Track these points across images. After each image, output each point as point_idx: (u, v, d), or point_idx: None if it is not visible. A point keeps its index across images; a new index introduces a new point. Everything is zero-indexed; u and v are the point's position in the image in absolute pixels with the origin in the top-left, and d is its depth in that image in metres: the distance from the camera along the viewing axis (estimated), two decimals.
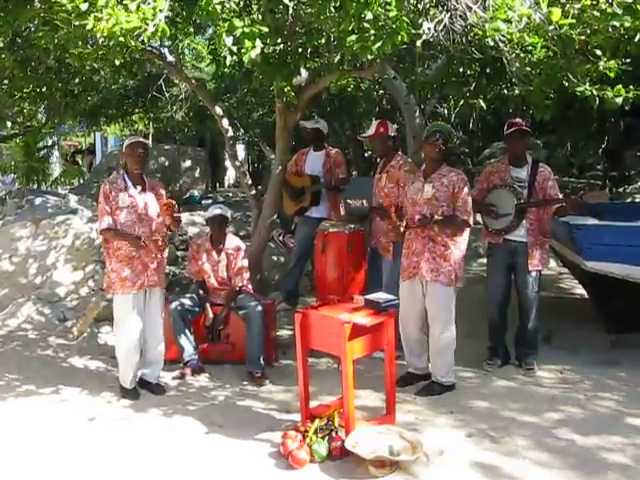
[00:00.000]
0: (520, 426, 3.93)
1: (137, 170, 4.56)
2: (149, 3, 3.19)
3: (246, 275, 5.27)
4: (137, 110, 12.13)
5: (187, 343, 5.08)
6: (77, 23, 3.34)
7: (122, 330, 4.54)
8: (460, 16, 3.84)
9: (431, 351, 4.51)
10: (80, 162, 19.23)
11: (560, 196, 4.82)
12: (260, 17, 4.14)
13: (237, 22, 3.31)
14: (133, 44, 3.26)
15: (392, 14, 3.41)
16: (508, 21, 3.45)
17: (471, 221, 4.44)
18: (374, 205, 5.17)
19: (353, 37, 3.55)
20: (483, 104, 5.16)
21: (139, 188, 4.56)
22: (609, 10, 3.37)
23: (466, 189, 4.42)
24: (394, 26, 3.42)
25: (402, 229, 4.48)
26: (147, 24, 3.09)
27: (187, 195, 12.31)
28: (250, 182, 6.67)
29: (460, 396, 4.45)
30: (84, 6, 3.22)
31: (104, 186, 4.56)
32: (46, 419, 4.22)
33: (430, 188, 4.44)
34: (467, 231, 4.47)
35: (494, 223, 4.88)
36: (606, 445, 3.64)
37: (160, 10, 3.16)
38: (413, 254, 4.49)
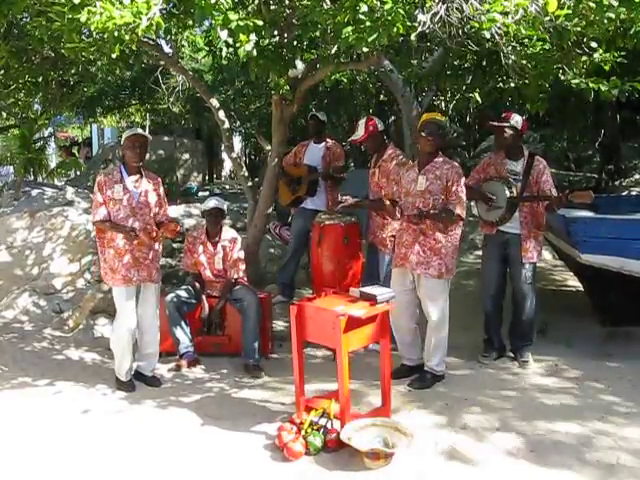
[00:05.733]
0: (515, 418, 3.93)
1: (136, 163, 4.54)
2: None
3: (242, 267, 5.27)
4: (134, 102, 12.12)
5: (183, 335, 5.09)
6: (70, 16, 3.32)
7: (118, 322, 4.55)
8: (457, 8, 3.82)
9: (427, 341, 4.53)
10: (77, 154, 19.17)
11: (554, 191, 4.80)
12: (256, 9, 4.13)
13: (232, 15, 3.30)
14: (128, 38, 3.24)
15: (387, 6, 3.41)
16: (504, 13, 3.45)
17: (464, 214, 4.41)
18: (370, 199, 5.17)
19: (349, 29, 3.55)
20: (479, 98, 5.16)
21: (136, 180, 4.55)
22: (605, 2, 3.37)
23: (461, 182, 4.39)
24: (389, 18, 3.41)
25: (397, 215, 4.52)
26: (140, 18, 3.06)
27: (184, 187, 12.29)
28: (247, 174, 6.66)
29: (455, 388, 4.46)
30: None
31: (99, 177, 4.54)
32: (41, 411, 4.22)
33: (424, 180, 4.42)
34: (460, 224, 4.45)
35: (486, 214, 4.90)
36: (600, 436, 3.65)
37: (154, 4, 3.14)
38: (403, 245, 4.50)
